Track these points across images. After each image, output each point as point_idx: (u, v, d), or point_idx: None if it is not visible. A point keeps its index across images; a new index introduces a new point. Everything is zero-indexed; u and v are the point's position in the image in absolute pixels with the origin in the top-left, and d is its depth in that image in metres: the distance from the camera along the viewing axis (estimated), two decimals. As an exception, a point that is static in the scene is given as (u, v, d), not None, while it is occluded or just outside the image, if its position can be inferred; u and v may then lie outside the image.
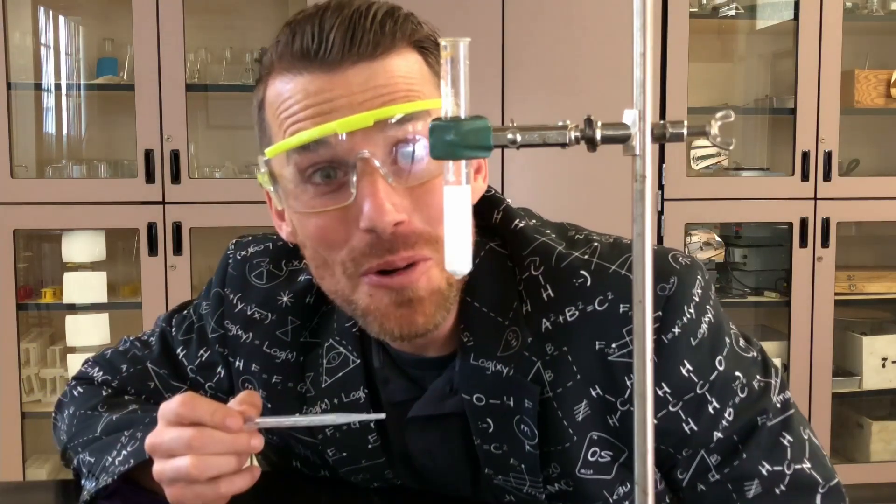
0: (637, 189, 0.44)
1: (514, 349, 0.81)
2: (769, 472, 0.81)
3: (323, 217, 0.75)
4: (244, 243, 0.97)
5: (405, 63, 0.76)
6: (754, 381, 0.83)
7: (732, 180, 2.83)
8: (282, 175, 0.77)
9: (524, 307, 0.83)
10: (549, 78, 2.61)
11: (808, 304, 2.76)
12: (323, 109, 0.73)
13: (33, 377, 2.65)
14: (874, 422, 2.89)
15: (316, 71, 0.74)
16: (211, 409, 0.77)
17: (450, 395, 0.85)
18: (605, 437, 0.82)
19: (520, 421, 0.82)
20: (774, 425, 0.82)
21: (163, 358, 1.01)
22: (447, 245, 0.46)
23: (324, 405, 0.89)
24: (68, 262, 2.64)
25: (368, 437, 0.88)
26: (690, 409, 0.81)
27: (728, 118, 0.47)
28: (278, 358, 0.91)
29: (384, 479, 0.91)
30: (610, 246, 0.84)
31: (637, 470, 0.45)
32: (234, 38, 2.83)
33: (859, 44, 2.97)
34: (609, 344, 0.80)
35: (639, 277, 0.44)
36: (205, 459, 0.76)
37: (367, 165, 0.72)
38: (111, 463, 0.89)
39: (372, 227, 0.72)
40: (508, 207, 0.88)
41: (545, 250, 0.84)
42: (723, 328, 0.83)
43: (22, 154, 2.67)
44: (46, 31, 2.79)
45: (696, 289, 0.80)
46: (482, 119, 0.44)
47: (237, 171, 2.78)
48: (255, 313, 0.92)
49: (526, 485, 0.85)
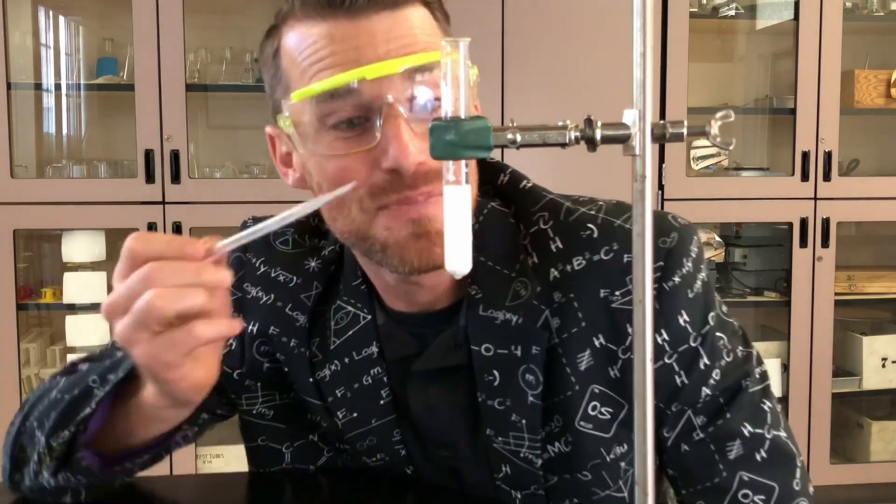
0: (637, 189, 0.44)
1: (524, 298, 0.84)
2: (751, 433, 0.84)
3: (345, 159, 0.78)
4: (261, 218, 0.98)
5: (419, 16, 0.80)
6: (738, 349, 0.87)
7: (732, 180, 2.83)
8: (301, 121, 0.80)
9: (530, 259, 0.86)
10: (549, 78, 2.61)
11: (808, 304, 2.76)
12: (350, 56, 0.77)
13: (33, 377, 2.65)
14: (874, 422, 2.89)
15: (340, 18, 0.77)
16: (167, 239, 0.70)
17: (454, 349, 0.87)
18: (605, 391, 0.85)
19: (525, 370, 0.84)
20: (756, 391, 0.86)
21: None
22: (447, 244, 0.46)
23: (334, 366, 0.90)
24: (68, 262, 2.64)
25: (381, 391, 0.89)
26: (684, 362, 0.84)
27: (728, 118, 0.47)
28: (297, 321, 0.91)
29: (391, 443, 0.91)
30: (614, 205, 0.89)
31: (637, 470, 0.45)
32: (234, 38, 2.83)
33: (859, 44, 2.97)
34: (613, 291, 0.83)
35: (638, 277, 0.44)
36: (169, 290, 0.67)
37: (392, 110, 0.76)
38: (88, 414, 0.82)
39: (398, 165, 0.76)
40: (515, 171, 0.93)
41: (554, 206, 0.88)
42: (712, 290, 0.87)
43: (22, 154, 2.67)
44: (46, 31, 2.79)
45: (693, 246, 0.85)
46: (482, 119, 0.44)
47: (237, 171, 2.78)
48: (279, 275, 0.94)
49: (524, 446, 0.86)
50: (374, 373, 0.89)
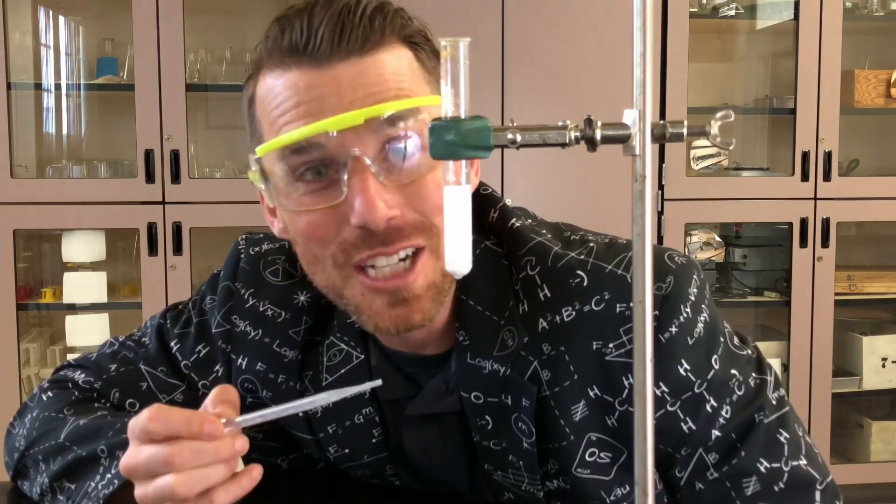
0: (637, 189, 0.44)
1: (511, 349, 0.81)
2: (767, 468, 0.81)
3: (314, 214, 0.75)
4: (257, 240, 0.96)
5: (395, 59, 0.75)
6: (750, 378, 0.83)
7: (732, 180, 2.83)
8: (272, 172, 0.76)
9: (521, 306, 0.82)
10: (549, 78, 2.61)
11: (808, 304, 2.76)
12: (313, 107, 0.73)
13: (33, 377, 2.65)
14: (874, 422, 2.89)
15: (305, 66, 0.74)
16: (185, 419, 0.69)
17: (446, 395, 0.85)
18: (603, 438, 0.82)
19: (517, 419, 0.82)
20: (771, 422, 0.82)
21: (159, 355, 0.96)
22: (447, 245, 0.46)
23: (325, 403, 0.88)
24: (68, 262, 2.64)
25: (373, 430, 0.88)
26: (688, 409, 0.81)
27: (728, 118, 0.47)
28: (286, 357, 0.89)
29: (385, 475, 0.90)
30: (606, 246, 0.84)
31: (637, 470, 0.45)
32: (234, 38, 2.83)
33: (859, 44, 2.97)
34: (606, 344, 0.80)
35: (639, 277, 0.44)
36: (190, 475, 0.68)
37: (358, 163, 0.72)
38: (95, 488, 0.82)
39: (363, 223, 0.72)
40: (505, 206, 0.88)
41: (541, 250, 0.83)
42: (718, 327, 0.83)
43: (22, 154, 2.67)
44: (46, 31, 2.79)
45: (692, 288, 0.80)
46: (482, 119, 0.44)
47: (237, 171, 2.78)
48: (267, 310, 0.91)
49: (524, 482, 0.85)
50: (365, 412, 0.87)
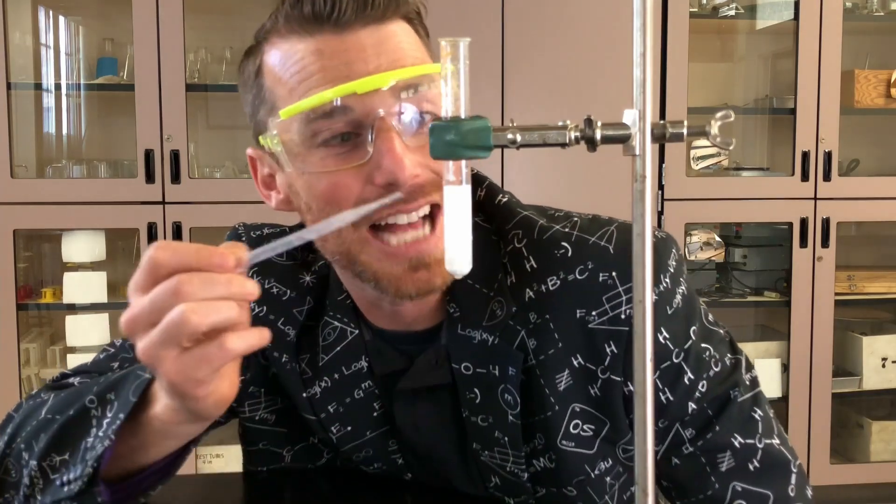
0: (637, 189, 0.44)
1: (499, 318, 0.83)
2: (741, 444, 0.83)
3: (336, 175, 0.77)
4: (255, 225, 0.98)
5: (403, 30, 0.80)
6: (725, 357, 0.86)
7: (732, 180, 2.83)
8: (290, 138, 0.78)
9: (509, 278, 0.85)
10: (549, 78, 2.61)
11: (808, 304, 2.76)
12: (340, 71, 0.76)
13: (33, 377, 2.65)
14: (874, 422, 2.89)
15: (328, 33, 0.77)
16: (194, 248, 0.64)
17: (437, 367, 0.86)
18: (586, 409, 0.84)
19: (504, 390, 0.84)
20: (745, 400, 0.85)
21: None
22: (447, 244, 0.46)
23: (324, 383, 0.89)
24: (68, 262, 2.64)
25: (373, 404, 0.89)
26: (668, 379, 0.83)
27: (728, 118, 0.47)
28: (288, 336, 0.90)
29: (387, 453, 0.91)
30: (589, 220, 0.87)
31: (637, 470, 0.45)
32: (234, 38, 2.83)
33: (859, 44, 2.97)
34: (590, 311, 0.82)
35: (639, 277, 0.44)
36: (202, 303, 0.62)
37: (385, 123, 0.75)
38: (95, 436, 0.76)
39: (393, 179, 0.74)
40: (491, 184, 0.91)
41: (528, 223, 0.86)
42: (695, 302, 0.86)
43: (22, 154, 2.66)
44: (46, 31, 2.79)
45: (671, 260, 0.83)
46: (482, 119, 0.44)
47: (237, 171, 2.78)
48: (273, 287, 0.92)
49: (509, 461, 0.86)
50: (364, 386, 0.88)
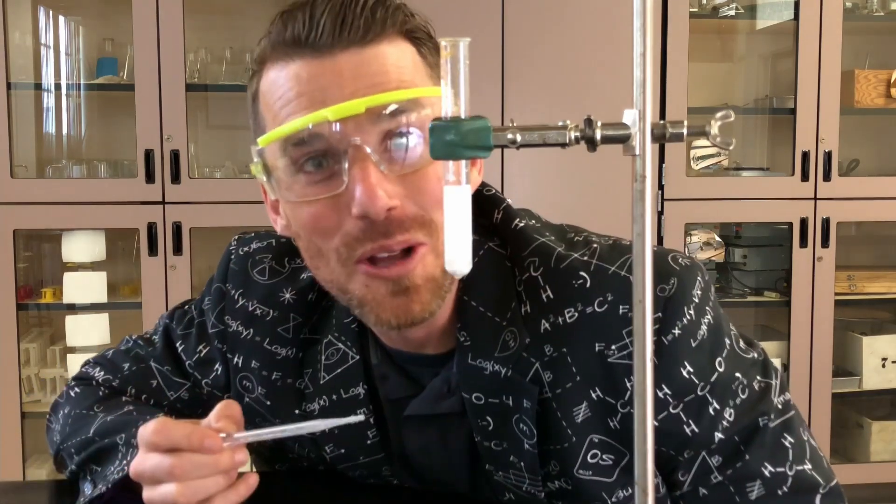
0: (637, 189, 0.44)
1: (512, 350, 0.81)
2: (772, 473, 0.81)
3: (315, 205, 0.75)
4: (247, 240, 0.97)
5: (397, 51, 0.76)
6: (754, 382, 0.82)
7: (732, 180, 2.83)
8: (275, 165, 0.77)
9: (523, 308, 0.82)
10: (549, 78, 2.61)
11: (808, 304, 2.76)
12: (315, 97, 0.74)
13: (33, 377, 2.65)
14: (874, 422, 2.89)
15: (307, 57, 0.75)
16: (186, 433, 0.74)
17: (447, 395, 0.85)
18: (605, 440, 0.82)
19: (518, 420, 0.82)
20: (776, 426, 0.82)
21: (166, 354, 1.00)
22: (447, 244, 0.46)
23: (322, 401, 0.88)
24: (68, 262, 2.64)
25: (367, 432, 0.88)
26: (691, 411, 0.80)
27: (728, 118, 0.47)
28: (279, 354, 0.90)
29: (381, 476, 0.90)
30: (609, 248, 0.84)
31: (637, 470, 0.45)
32: (234, 38, 2.83)
33: (859, 44, 2.97)
34: (609, 345, 0.80)
35: (639, 277, 0.44)
36: (190, 485, 0.74)
37: (359, 152, 0.73)
38: (111, 472, 0.87)
39: (364, 213, 0.72)
40: (509, 207, 0.88)
41: (545, 251, 0.83)
42: (722, 329, 0.82)
43: (22, 154, 2.66)
44: (46, 31, 2.79)
45: (695, 290, 0.80)
46: (482, 119, 0.44)
47: (237, 171, 2.78)
48: (256, 309, 0.92)
49: (525, 482, 0.84)
50: (360, 413, 0.87)
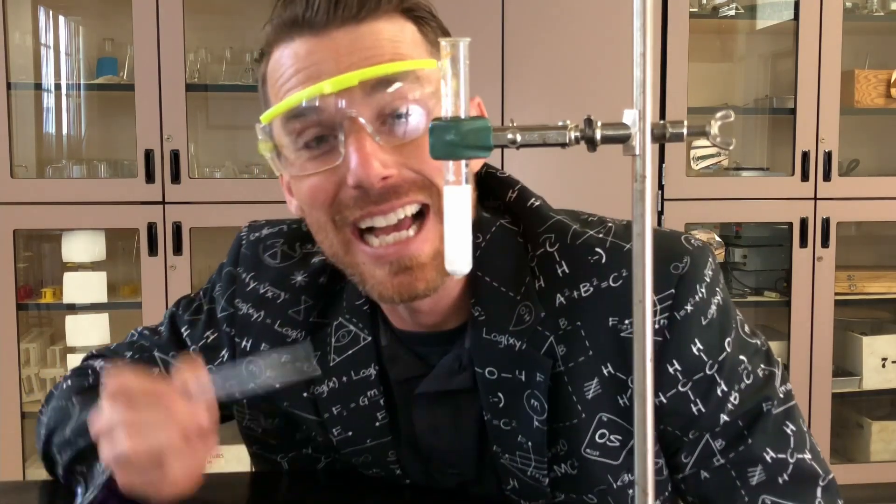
0: (637, 189, 0.44)
1: (528, 323, 0.82)
2: (773, 459, 0.82)
3: (314, 178, 0.78)
4: (258, 226, 0.99)
5: (393, 28, 0.78)
6: (759, 368, 0.84)
7: (732, 180, 2.83)
8: (280, 143, 0.80)
9: (537, 283, 0.84)
10: (549, 78, 2.61)
11: (808, 304, 2.76)
12: (311, 73, 0.76)
13: (33, 377, 2.65)
14: (874, 422, 2.89)
15: (305, 35, 0.77)
16: (142, 387, 0.75)
17: (458, 372, 0.85)
18: (614, 419, 0.83)
19: (530, 396, 0.83)
20: (778, 413, 0.83)
21: (171, 341, 1.00)
22: (447, 244, 0.46)
23: (332, 383, 0.89)
24: (68, 262, 2.64)
25: (377, 413, 0.88)
26: (699, 390, 0.81)
27: (728, 118, 0.47)
28: (289, 337, 0.91)
29: (386, 462, 0.90)
30: (624, 227, 0.86)
31: (637, 470, 0.45)
32: (234, 38, 2.83)
33: (859, 44, 2.97)
34: (622, 320, 0.81)
35: (639, 277, 0.44)
36: (143, 438, 0.73)
37: (354, 124, 0.75)
38: (98, 472, 0.85)
39: (359, 182, 0.74)
40: (523, 187, 0.90)
41: (561, 228, 0.85)
42: (731, 312, 0.84)
43: (22, 154, 2.66)
44: (46, 31, 2.79)
45: (707, 270, 0.82)
46: (482, 119, 0.44)
47: (237, 171, 2.78)
48: (267, 292, 0.93)
49: (531, 465, 0.85)
50: (370, 394, 0.88)
